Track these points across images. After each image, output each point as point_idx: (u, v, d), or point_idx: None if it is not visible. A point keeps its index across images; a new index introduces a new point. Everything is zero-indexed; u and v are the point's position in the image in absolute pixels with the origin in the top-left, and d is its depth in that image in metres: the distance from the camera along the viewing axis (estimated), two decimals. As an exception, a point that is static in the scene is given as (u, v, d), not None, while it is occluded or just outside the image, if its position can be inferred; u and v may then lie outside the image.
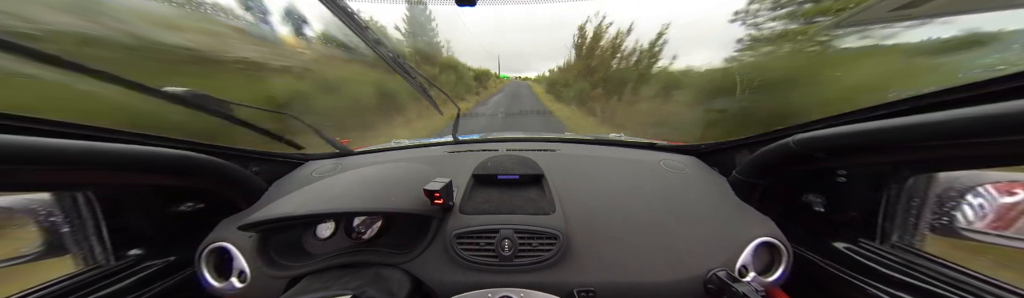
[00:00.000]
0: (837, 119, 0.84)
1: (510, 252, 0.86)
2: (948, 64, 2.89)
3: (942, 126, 0.52)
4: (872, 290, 0.81)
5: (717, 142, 1.36)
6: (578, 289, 0.82)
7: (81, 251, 0.92)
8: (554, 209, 0.99)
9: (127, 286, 0.91)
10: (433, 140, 1.86)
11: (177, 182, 0.94)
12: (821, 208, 1.00)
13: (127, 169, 0.77)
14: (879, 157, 0.74)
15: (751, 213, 1.05)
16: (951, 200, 0.80)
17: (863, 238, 0.92)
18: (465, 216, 0.98)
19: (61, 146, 0.61)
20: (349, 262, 0.90)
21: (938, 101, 0.65)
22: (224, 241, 0.98)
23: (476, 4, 0.98)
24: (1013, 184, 0.78)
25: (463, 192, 1.11)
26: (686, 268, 0.86)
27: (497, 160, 1.25)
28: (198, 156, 0.88)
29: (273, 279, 0.89)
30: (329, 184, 1.05)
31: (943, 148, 0.61)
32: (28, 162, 0.60)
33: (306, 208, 0.85)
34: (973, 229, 0.78)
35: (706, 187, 1.17)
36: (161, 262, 1.02)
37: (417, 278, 0.88)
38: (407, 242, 0.98)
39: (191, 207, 1.12)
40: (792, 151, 0.82)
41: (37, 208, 0.88)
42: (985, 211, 0.78)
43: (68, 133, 0.74)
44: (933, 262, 0.80)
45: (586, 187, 1.15)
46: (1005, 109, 0.46)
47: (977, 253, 0.79)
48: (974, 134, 0.51)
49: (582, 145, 1.63)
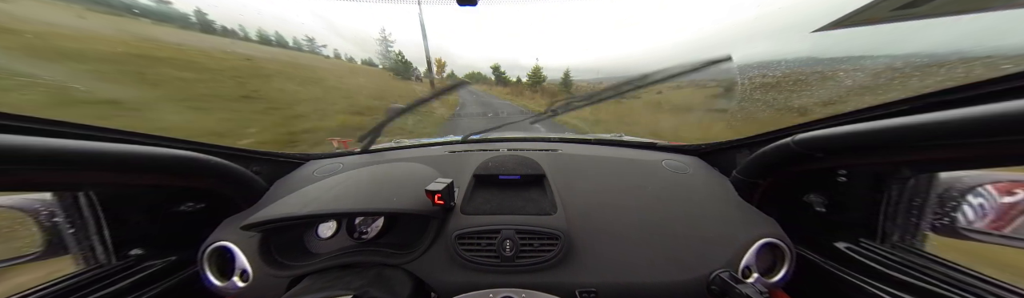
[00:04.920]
0: (837, 119, 0.84)
1: (511, 252, 0.86)
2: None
3: (942, 126, 0.52)
4: (873, 290, 0.81)
5: (717, 142, 1.36)
6: (580, 290, 0.82)
7: (82, 251, 0.92)
8: (555, 209, 0.99)
9: (128, 286, 0.91)
10: (434, 140, 1.86)
11: (178, 182, 0.94)
12: (822, 208, 1.00)
13: (128, 169, 0.77)
14: (879, 157, 0.74)
15: (754, 214, 1.05)
16: (952, 200, 0.80)
17: (864, 238, 0.92)
18: (466, 216, 0.98)
19: (61, 146, 0.61)
20: (351, 262, 0.90)
21: (938, 101, 0.65)
22: (226, 241, 0.98)
23: (477, 4, 0.98)
24: (1013, 184, 0.78)
25: (464, 192, 1.11)
26: (689, 269, 0.86)
27: (498, 160, 1.25)
28: (199, 156, 0.88)
29: (275, 278, 0.89)
30: (330, 184, 1.05)
31: (943, 148, 0.61)
32: (28, 162, 0.60)
33: (308, 208, 0.85)
34: (974, 229, 0.78)
35: (708, 187, 1.17)
36: (162, 262, 1.02)
37: (419, 278, 0.88)
38: (409, 242, 0.98)
39: (192, 207, 1.11)
40: (792, 151, 0.82)
41: (38, 208, 0.88)
42: (986, 211, 0.78)
43: (68, 133, 0.74)
44: (934, 262, 0.80)
45: (588, 187, 1.15)
46: (1005, 109, 0.46)
47: (977, 253, 0.79)
48: (974, 134, 0.51)
49: (583, 145, 1.63)
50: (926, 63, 3.35)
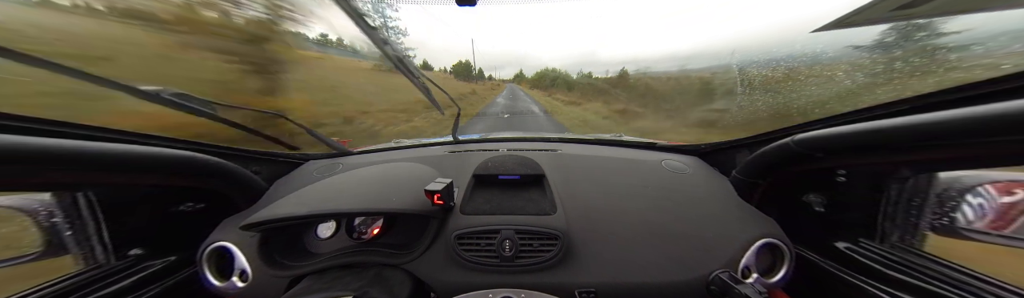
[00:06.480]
0: (837, 119, 0.84)
1: (511, 252, 0.86)
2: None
3: (942, 126, 0.52)
4: (872, 290, 0.81)
5: (717, 142, 1.36)
6: (579, 290, 0.82)
7: (81, 251, 0.92)
8: (555, 209, 0.99)
9: (127, 286, 0.91)
10: (433, 140, 1.86)
11: (177, 182, 0.94)
12: (821, 208, 1.00)
13: (127, 169, 0.77)
14: (879, 157, 0.74)
15: (753, 214, 1.05)
16: (951, 200, 0.80)
17: (863, 238, 0.92)
18: (466, 216, 0.98)
19: (61, 146, 0.61)
20: (350, 262, 0.90)
21: (938, 101, 0.65)
22: (225, 241, 0.98)
23: (476, 4, 0.98)
24: (1013, 184, 0.78)
25: (464, 192, 1.11)
26: (688, 269, 0.86)
27: (498, 160, 1.25)
28: (198, 156, 0.88)
29: (274, 279, 0.89)
30: (330, 184, 1.05)
31: (943, 148, 0.61)
32: (28, 162, 0.60)
33: (307, 208, 0.85)
34: (973, 229, 0.78)
35: (708, 187, 1.17)
36: (161, 262, 1.02)
37: (418, 278, 0.88)
38: (408, 242, 0.98)
39: (191, 207, 1.12)
40: (792, 151, 0.82)
41: (38, 208, 0.88)
42: (985, 211, 0.78)
43: (68, 133, 0.74)
44: (934, 262, 0.80)
45: (587, 187, 1.15)
46: (1005, 109, 0.46)
47: (978, 253, 0.79)
48: (974, 134, 0.51)
49: (583, 145, 1.63)
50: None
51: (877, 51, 7.69)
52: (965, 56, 5.77)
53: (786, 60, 5.69)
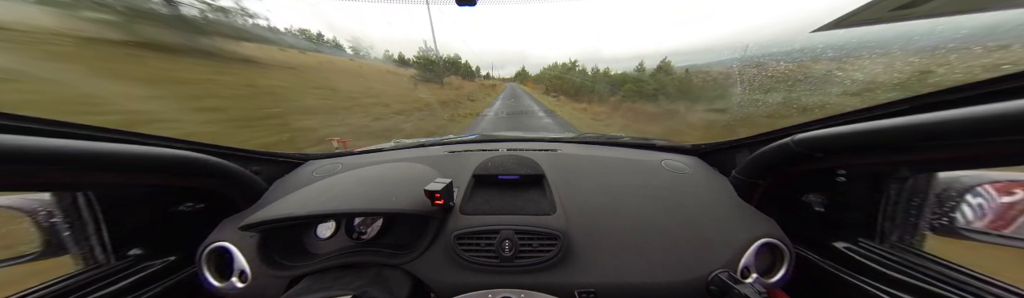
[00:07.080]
0: (837, 119, 0.84)
1: (511, 253, 0.86)
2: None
3: (942, 126, 0.52)
4: (872, 290, 0.81)
5: (717, 142, 1.36)
6: (579, 290, 0.82)
7: (81, 251, 0.92)
8: (555, 209, 0.99)
9: (127, 286, 0.91)
10: (433, 140, 1.86)
11: (177, 182, 0.94)
12: (821, 208, 1.00)
13: (127, 169, 0.77)
14: (879, 157, 0.74)
15: (753, 214, 1.04)
16: (951, 200, 0.80)
17: (863, 238, 0.92)
18: (465, 216, 0.98)
19: (61, 146, 0.61)
20: (350, 262, 0.90)
21: (938, 101, 0.65)
22: (225, 241, 0.98)
23: (476, 4, 0.98)
24: (1012, 184, 0.78)
25: (463, 192, 1.11)
26: (688, 269, 0.86)
27: (497, 160, 1.25)
28: (198, 156, 0.88)
29: (274, 279, 0.89)
30: (329, 184, 1.05)
31: (943, 148, 0.61)
32: (28, 162, 0.60)
33: (307, 208, 0.85)
34: (973, 229, 0.78)
35: (708, 187, 1.17)
36: (161, 262, 1.02)
37: (418, 278, 0.88)
38: (408, 242, 0.98)
39: (191, 207, 1.11)
40: (792, 151, 0.82)
41: (37, 208, 0.88)
42: (985, 211, 0.78)
43: (68, 133, 0.74)
44: (933, 262, 0.80)
45: (587, 187, 1.15)
46: (1005, 109, 0.46)
47: (978, 252, 0.79)
48: (974, 134, 0.51)
49: (583, 145, 1.63)
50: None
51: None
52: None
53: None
